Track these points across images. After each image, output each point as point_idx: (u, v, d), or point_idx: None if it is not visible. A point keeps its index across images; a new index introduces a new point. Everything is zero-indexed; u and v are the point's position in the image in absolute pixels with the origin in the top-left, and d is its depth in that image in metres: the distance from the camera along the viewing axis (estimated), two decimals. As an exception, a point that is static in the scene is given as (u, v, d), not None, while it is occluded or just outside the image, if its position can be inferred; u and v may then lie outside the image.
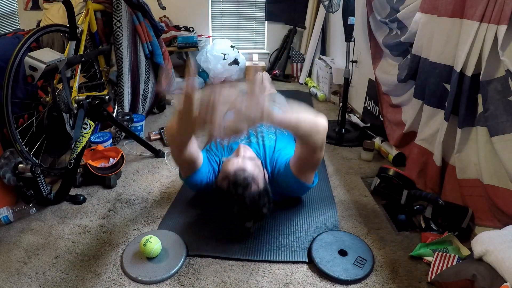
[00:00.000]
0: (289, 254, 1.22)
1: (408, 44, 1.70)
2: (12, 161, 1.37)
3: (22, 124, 1.60)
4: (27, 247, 1.25)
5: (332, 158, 1.94)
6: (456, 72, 1.32)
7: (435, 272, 1.10)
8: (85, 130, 1.51)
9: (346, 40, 2.10)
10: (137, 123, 2.16)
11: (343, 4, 2.03)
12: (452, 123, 1.40)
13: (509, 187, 1.16)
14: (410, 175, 1.56)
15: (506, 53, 1.11)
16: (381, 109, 2.08)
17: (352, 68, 2.25)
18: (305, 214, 1.43)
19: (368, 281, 1.12)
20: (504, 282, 0.86)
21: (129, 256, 1.20)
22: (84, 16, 1.92)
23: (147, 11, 2.23)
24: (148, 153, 1.95)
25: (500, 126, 1.16)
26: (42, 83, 1.74)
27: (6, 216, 1.35)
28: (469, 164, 1.33)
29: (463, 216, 1.27)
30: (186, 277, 1.13)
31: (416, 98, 1.65)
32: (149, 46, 2.28)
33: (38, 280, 1.11)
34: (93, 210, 1.47)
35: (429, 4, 1.48)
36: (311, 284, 1.11)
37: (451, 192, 1.42)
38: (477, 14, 1.20)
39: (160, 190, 1.63)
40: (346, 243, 1.25)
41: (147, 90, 2.38)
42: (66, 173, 1.49)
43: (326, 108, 2.82)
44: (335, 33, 3.21)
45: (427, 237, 1.26)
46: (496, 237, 0.98)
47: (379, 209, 1.48)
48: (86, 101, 1.53)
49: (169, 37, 3.47)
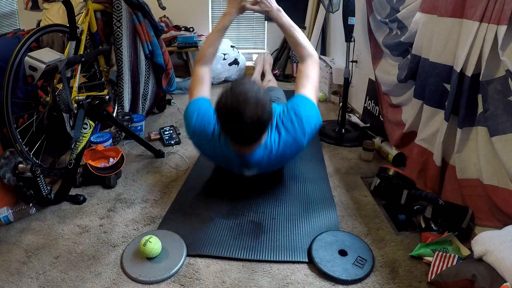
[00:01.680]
0: (289, 254, 1.22)
1: (408, 44, 1.70)
2: (12, 161, 1.37)
3: (22, 124, 1.60)
4: (27, 247, 1.25)
5: (332, 158, 1.94)
6: (456, 72, 1.32)
7: (435, 272, 1.10)
8: (85, 130, 1.51)
9: (346, 40, 2.10)
10: (137, 123, 2.16)
11: (343, 4, 2.03)
12: (452, 123, 1.40)
13: (509, 187, 1.16)
14: (410, 175, 1.56)
15: (506, 53, 1.11)
16: (381, 109, 2.08)
17: (352, 68, 2.25)
18: (305, 214, 1.43)
19: (368, 281, 1.12)
20: (504, 282, 0.86)
21: (129, 256, 1.20)
22: (84, 16, 1.92)
23: (147, 11, 2.23)
24: (148, 153, 1.95)
25: (500, 126, 1.16)
26: (42, 83, 1.74)
27: (6, 216, 1.35)
28: (469, 164, 1.33)
29: (463, 216, 1.27)
30: (186, 277, 1.13)
31: (416, 98, 1.65)
32: (149, 46, 2.28)
33: (38, 280, 1.11)
34: (93, 210, 1.47)
35: (429, 4, 1.48)
36: (311, 284, 1.11)
37: (451, 192, 1.42)
38: (477, 14, 1.20)
39: (160, 190, 1.63)
40: (346, 243, 1.25)
41: (147, 90, 2.38)
42: (66, 173, 1.49)
43: (326, 108, 2.82)
44: (335, 33, 3.21)
45: (427, 237, 1.26)
46: (496, 237, 0.98)
47: (379, 209, 1.48)
48: (86, 101, 1.53)
49: (169, 37, 3.47)
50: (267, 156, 1.34)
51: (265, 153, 1.33)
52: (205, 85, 1.46)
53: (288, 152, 1.35)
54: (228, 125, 1.21)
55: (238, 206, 1.48)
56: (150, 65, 2.37)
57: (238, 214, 1.43)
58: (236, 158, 1.36)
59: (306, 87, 1.43)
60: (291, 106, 1.38)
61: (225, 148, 1.34)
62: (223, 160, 1.43)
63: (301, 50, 1.50)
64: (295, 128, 1.33)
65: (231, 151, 1.34)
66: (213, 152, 1.38)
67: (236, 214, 1.43)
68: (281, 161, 1.41)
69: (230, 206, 1.48)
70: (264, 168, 1.42)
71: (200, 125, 1.35)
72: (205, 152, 1.44)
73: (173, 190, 1.62)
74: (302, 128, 1.33)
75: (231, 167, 1.46)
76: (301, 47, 1.50)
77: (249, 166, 1.38)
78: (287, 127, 1.33)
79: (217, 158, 1.46)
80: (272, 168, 1.48)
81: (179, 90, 3.13)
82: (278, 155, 1.35)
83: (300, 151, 1.39)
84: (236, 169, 1.45)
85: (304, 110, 1.35)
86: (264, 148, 1.32)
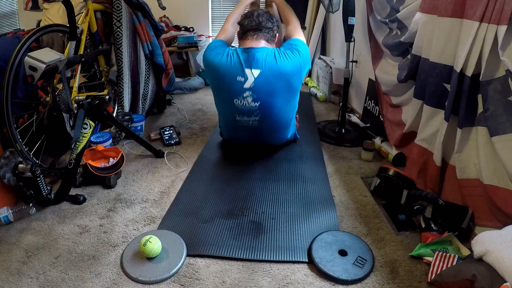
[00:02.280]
0: (289, 254, 1.22)
1: (408, 44, 1.70)
2: (12, 161, 1.37)
3: (22, 124, 1.60)
4: (27, 247, 1.25)
5: (332, 158, 1.94)
6: (456, 72, 1.32)
7: (435, 272, 1.11)
8: (85, 130, 1.51)
9: (346, 40, 2.10)
10: (137, 123, 2.16)
11: (343, 4, 2.03)
12: (452, 123, 1.40)
13: (509, 187, 1.16)
14: (410, 175, 1.56)
15: (506, 53, 1.11)
16: (381, 109, 2.08)
17: (352, 68, 2.25)
18: (305, 214, 1.43)
19: (368, 281, 1.12)
20: (504, 282, 0.86)
21: (129, 256, 1.20)
22: (84, 16, 1.92)
23: (147, 11, 2.23)
24: (148, 153, 1.95)
25: (500, 126, 1.16)
26: (42, 83, 1.74)
27: (6, 216, 1.35)
28: (469, 164, 1.33)
29: (463, 216, 1.27)
30: (186, 277, 1.13)
31: (416, 98, 1.65)
32: (149, 46, 2.28)
33: (38, 280, 1.11)
34: (93, 210, 1.47)
35: (429, 4, 1.48)
36: (311, 284, 1.11)
37: (451, 192, 1.42)
38: (477, 14, 1.20)
39: (160, 190, 1.63)
40: (346, 243, 1.25)
41: (147, 90, 2.38)
42: (66, 173, 1.49)
43: (326, 108, 2.82)
44: (335, 33, 3.21)
45: (427, 237, 1.26)
46: (496, 237, 0.98)
47: (379, 209, 1.48)
48: (86, 101, 1.53)
49: (169, 37, 3.47)
50: (269, 58, 1.63)
51: (268, 53, 1.65)
52: (228, 35, 1.91)
53: (289, 65, 1.64)
54: (246, 18, 1.75)
55: (238, 206, 1.48)
56: (150, 65, 2.37)
57: (238, 214, 1.43)
58: (242, 54, 1.66)
59: (299, 34, 1.82)
60: (289, 44, 1.75)
61: (235, 49, 1.70)
62: (231, 65, 1.65)
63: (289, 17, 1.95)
64: (294, 54, 1.68)
65: (239, 50, 1.68)
66: (223, 58, 1.67)
67: (236, 214, 1.43)
68: (281, 72, 1.63)
69: (230, 206, 1.48)
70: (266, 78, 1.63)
71: (219, 46, 1.76)
72: (216, 60, 1.69)
73: (173, 190, 1.62)
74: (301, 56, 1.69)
75: (235, 72, 1.65)
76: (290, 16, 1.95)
77: (254, 60, 1.63)
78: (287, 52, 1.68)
79: (224, 67, 1.67)
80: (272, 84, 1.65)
81: (179, 90, 3.13)
82: (278, 62, 1.63)
83: (299, 71, 1.69)
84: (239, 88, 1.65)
85: (302, 48, 1.73)
86: (267, 52, 1.65)
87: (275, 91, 1.66)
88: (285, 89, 1.68)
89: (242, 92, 1.65)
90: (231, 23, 1.95)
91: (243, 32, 1.75)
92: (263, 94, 1.65)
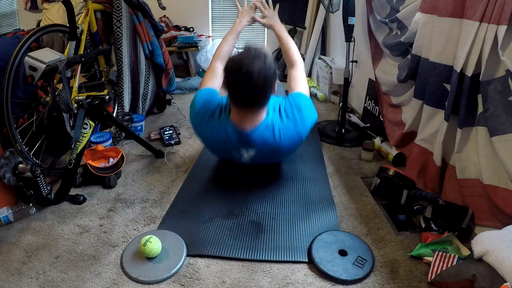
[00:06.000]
0: (289, 254, 1.22)
1: (408, 44, 1.70)
2: (12, 161, 1.37)
3: (22, 124, 1.60)
4: (27, 247, 1.25)
5: (332, 158, 1.94)
6: (456, 72, 1.32)
7: (435, 272, 1.10)
8: (85, 130, 1.51)
9: (346, 40, 2.10)
10: (137, 123, 2.16)
11: (343, 4, 2.03)
12: (452, 123, 1.40)
13: (509, 187, 1.16)
14: (410, 175, 1.56)
15: (506, 53, 1.11)
16: (381, 109, 2.08)
17: (352, 68, 2.25)
18: (305, 214, 1.43)
19: (368, 281, 1.12)
20: (504, 282, 0.86)
21: (129, 256, 1.20)
22: (84, 16, 1.92)
23: (147, 11, 2.23)
24: (148, 153, 1.95)
25: (500, 126, 1.16)
26: (42, 83, 1.74)
27: (6, 216, 1.35)
28: (469, 164, 1.33)
29: (463, 216, 1.27)
30: (186, 277, 1.13)
31: (416, 98, 1.65)
32: (149, 46, 2.28)
33: (38, 280, 1.11)
34: (93, 210, 1.47)
35: (429, 4, 1.48)
36: (311, 284, 1.11)
37: (451, 192, 1.42)
38: (477, 14, 1.20)
39: (160, 190, 1.63)
40: (346, 243, 1.25)
41: (147, 90, 2.38)
42: (66, 173, 1.49)
43: (326, 108, 2.82)
44: (335, 33, 3.21)
45: (427, 237, 1.26)
46: (496, 237, 0.98)
47: (379, 209, 1.48)
48: (86, 101, 1.53)
49: (169, 37, 3.48)
50: (267, 135, 1.38)
51: (266, 131, 1.37)
52: (217, 79, 1.55)
53: (288, 141, 1.40)
54: (235, 81, 1.28)
55: (238, 206, 1.48)
56: (150, 65, 2.37)
57: (238, 214, 1.43)
58: (235, 134, 1.39)
59: (301, 86, 1.56)
60: (292, 99, 1.46)
61: (226, 123, 1.39)
62: (222, 140, 1.43)
63: (292, 56, 1.65)
64: (296, 119, 1.40)
65: (231, 127, 1.38)
66: (213, 133, 1.42)
67: (236, 214, 1.43)
68: (279, 149, 1.43)
69: (230, 206, 1.48)
70: (262, 153, 1.44)
71: (205, 108, 1.44)
72: (205, 134, 1.47)
73: (173, 190, 1.62)
74: (303, 119, 1.41)
75: (230, 147, 1.45)
76: (292, 54, 1.66)
77: (248, 142, 1.40)
78: (289, 115, 1.41)
79: (216, 140, 1.46)
80: (269, 157, 1.51)
81: (179, 90, 3.13)
82: (277, 141, 1.39)
83: (298, 143, 1.45)
84: (235, 150, 1.46)
85: (304, 105, 1.44)
86: (265, 126, 1.37)
87: (273, 159, 1.66)
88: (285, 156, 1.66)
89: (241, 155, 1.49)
90: (220, 59, 1.60)
91: (235, 102, 1.34)
92: (261, 160, 1.53)
